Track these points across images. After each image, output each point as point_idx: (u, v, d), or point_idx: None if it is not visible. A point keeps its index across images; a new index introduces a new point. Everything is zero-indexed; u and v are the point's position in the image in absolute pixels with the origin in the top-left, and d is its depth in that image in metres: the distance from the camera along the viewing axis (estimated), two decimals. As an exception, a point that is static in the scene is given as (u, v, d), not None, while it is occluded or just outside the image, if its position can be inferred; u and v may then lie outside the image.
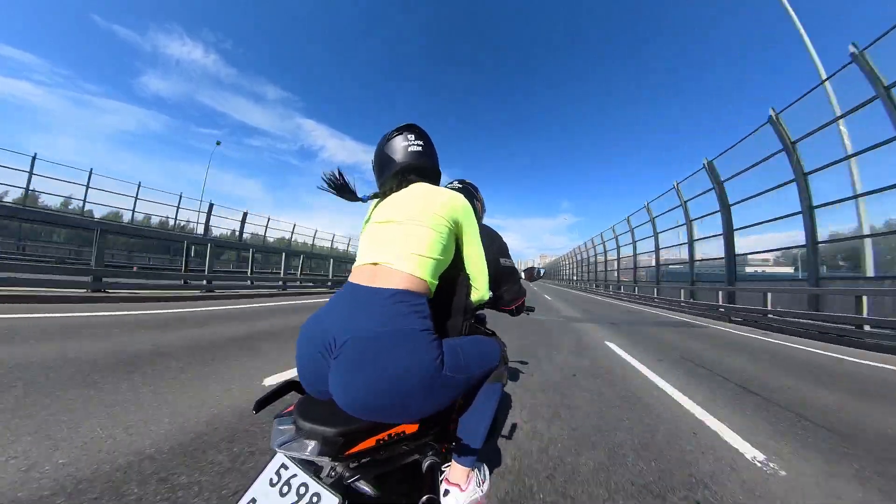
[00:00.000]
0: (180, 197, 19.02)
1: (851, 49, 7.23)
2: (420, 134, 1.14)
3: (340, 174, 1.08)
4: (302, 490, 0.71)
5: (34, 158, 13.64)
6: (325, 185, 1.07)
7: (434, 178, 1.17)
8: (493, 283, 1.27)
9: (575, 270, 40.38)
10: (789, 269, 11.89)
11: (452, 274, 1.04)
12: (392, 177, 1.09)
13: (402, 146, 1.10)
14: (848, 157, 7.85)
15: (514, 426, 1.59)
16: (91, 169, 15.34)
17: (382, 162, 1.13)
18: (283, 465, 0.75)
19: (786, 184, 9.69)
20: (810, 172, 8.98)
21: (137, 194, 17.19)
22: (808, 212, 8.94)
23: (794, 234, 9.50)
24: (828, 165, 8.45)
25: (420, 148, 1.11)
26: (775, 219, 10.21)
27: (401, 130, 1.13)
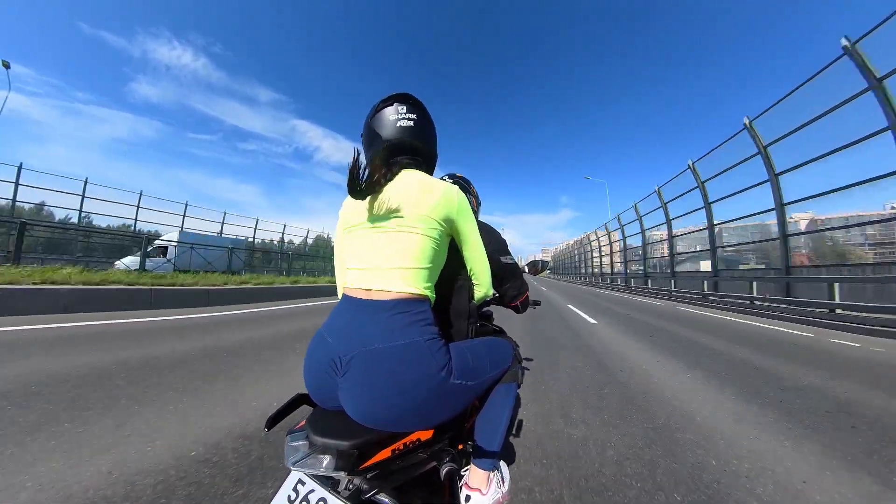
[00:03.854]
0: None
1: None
2: (414, 105, 0.97)
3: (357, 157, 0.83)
4: None
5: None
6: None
7: (428, 162, 1.02)
8: (496, 281, 1.24)
9: (600, 261, 30.19)
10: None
11: (452, 276, 0.98)
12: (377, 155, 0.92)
13: (391, 120, 0.94)
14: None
15: (520, 422, 1.44)
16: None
17: (369, 139, 0.97)
18: (300, 482, 0.72)
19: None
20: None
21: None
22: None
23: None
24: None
25: (412, 122, 0.95)
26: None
27: (391, 101, 0.96)
